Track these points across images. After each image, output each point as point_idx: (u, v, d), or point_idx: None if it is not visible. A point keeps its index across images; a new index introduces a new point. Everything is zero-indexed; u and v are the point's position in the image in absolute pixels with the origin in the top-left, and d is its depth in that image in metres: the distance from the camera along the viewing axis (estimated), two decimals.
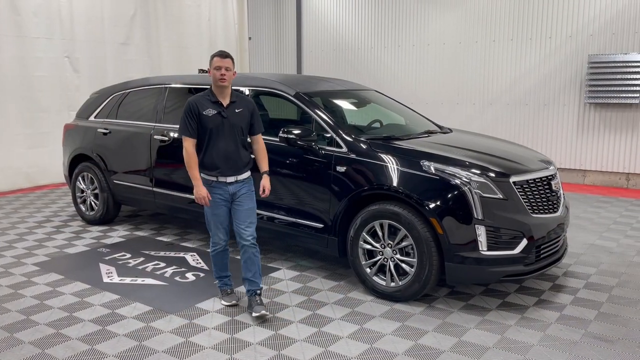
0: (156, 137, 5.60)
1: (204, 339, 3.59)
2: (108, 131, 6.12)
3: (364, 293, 4.31)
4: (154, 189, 5.69)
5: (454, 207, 3.86)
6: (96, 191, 6.27)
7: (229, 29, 11.54)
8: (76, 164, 6.49)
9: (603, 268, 4.91)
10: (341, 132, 4.46)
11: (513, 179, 4.01)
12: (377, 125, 5.33)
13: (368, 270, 4.23)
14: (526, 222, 3.92)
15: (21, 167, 8.54)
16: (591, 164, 8.78)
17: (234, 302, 4.08)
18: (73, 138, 6.54)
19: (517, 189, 3.99)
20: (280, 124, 4.85)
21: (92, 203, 6.35)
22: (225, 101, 3.81)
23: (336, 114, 5.15)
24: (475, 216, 3.81)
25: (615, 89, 8.22)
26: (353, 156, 4.32)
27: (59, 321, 3.85)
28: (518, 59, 9.20)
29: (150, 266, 4.97)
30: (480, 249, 3.80)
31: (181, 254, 5.31)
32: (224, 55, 3.78)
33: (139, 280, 4.63)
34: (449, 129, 5.40)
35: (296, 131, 4.46)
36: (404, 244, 4.02)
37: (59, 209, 7.26)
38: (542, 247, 4.04)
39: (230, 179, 3.82)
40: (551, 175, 4.35)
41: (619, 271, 4.83)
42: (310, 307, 4.09)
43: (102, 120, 6.31)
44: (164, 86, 5.85)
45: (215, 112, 3.77)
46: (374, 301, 4.17)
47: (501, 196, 3.90)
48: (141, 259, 5.18)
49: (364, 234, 4.18)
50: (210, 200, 3.81)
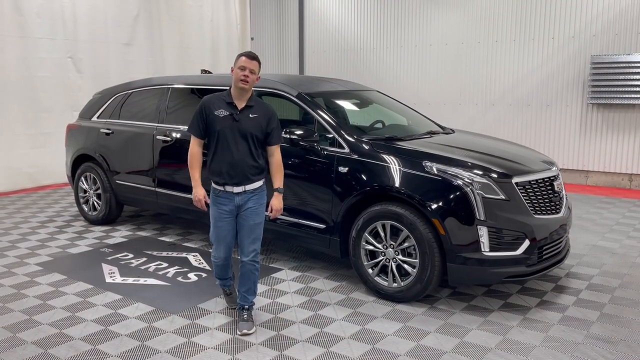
0: (159, 137, 5.60)
1: (206, 339, 3.60)
2: (111, 131, 6.13)
3: (366, 294, 4.31)
4: (157, 189, 5.70)
5: (456, 208, 3.85)
6: (99, 191, 6.28)
7: (231, 30, 11.54)
8: (79, 164, 6.51)
9: (605, 269, 4.90)
10: (343, 133, 4.46)
11: (515, 179, 4.01)
12: (379, 125, 5.33)
13: (370, 270, 4.23)
14: (528, 223, 3.91)
15: (24, 167, 8.56)
16: (594, 164, 8.76)
17: (234, 306, 4.01)
18: (76, 138, 6.55)
19: (519, 189, 3.98)
20: (282, 124, 4.82)
21: (95, 203, 6.36)
22: (241, 104, 3.57)
23: (338, 114, 5.15)
24: (478, 217, 3.80)
25: (618, 89, 8.20)
26: (355, 157, 4.32)
27: (62, 321, 3.86)
28: (520, 59, 9.18)
29: (152, 266, 4.98)
30: (483, 249, 3.80)
31: (183, 254, 5.32)
32: (251, 56, 3.54)
33: (142, 281, 4.64)
34: (451, 129, 5.40)
35: (298, 132, 4.46)
36: (406, 244, 4.01)
37: (61, 209, 7.28)
38: (544, 248, 4.03)
39: (238, 189, 3.57)
40: (553, 176, 4.35)
41: (621, 272, 4.82)
42: (312, 307, 4.09)
43: (105, 120, 6.32)
44: (166, 86, 5.86)
45: (228, 113, 3.55)
46: (376, 302, 4.16)
47: (503, 197, 3.89)
48: (143, 259, 5.19)
49: (366, 234, 4.18)
50: (215, 208, 3.64)
